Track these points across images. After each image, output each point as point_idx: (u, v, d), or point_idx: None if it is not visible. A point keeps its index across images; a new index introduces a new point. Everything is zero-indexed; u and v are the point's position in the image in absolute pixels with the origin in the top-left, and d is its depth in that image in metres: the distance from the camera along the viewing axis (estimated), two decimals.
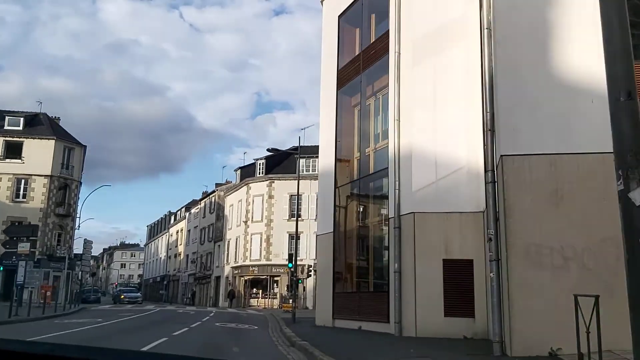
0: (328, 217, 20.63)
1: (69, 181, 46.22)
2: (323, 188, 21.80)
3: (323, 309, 20.40)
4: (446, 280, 15.13)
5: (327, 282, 20.20)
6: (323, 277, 20.81)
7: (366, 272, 18.66)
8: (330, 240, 20.25)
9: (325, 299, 20.23)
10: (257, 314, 33.48)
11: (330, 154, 21.10)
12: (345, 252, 20.35)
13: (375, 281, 18.60)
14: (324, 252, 20.82)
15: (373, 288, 18.51)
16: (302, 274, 42.94)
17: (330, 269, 20.08)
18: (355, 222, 20.05)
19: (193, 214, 73.31)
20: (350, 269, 19.94)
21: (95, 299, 57.00)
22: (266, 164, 51.75)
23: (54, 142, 44.98)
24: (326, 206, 21.04)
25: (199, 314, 27.92)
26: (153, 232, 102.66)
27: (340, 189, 20.47)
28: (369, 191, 19.40)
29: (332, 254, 20.12)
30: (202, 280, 64.88)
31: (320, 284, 21.13)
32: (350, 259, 20.00)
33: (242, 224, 52.00)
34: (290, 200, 49.42)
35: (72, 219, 46.14)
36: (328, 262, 20.25)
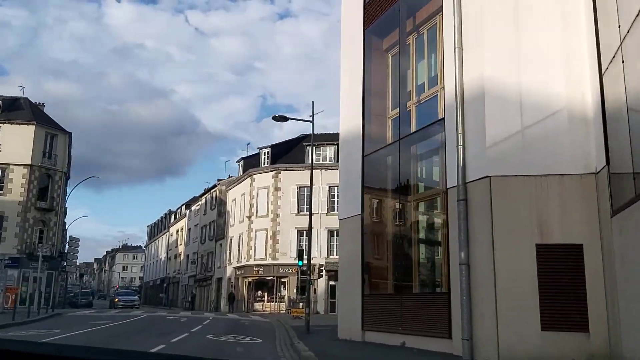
0: (354, 196, 15.66)
1: (51, 172, 41.37)
2: (346, 160, 16.82)
3: (348, 317, 15.42)
4: (542, 275, 10.13)
5: (354, 281, 15.22)
6: (348, 274, 15.82)
7: (411, 266, 13.63)
8: (358, 225, 15.28)
9: (351, 304, 15.26)
10: (262, 320, 28.51)
11: (355, 115, 16.14)
12: (380, 240, 15.39)
13: (424, 279, 13.59)
14: (349, 240, 15.84)
15: (423, 289, 13.50)
16: (312, 274, 38.04)
17: (357, 263, 15.09)
18: (393, 199, 15.04)
19: (194, 211, 68.48)
20: (386, 263, 14.94)
21: (86, 302, 52.23)
22: (271, 153, 46.85)
23: (34, 128, 40.16)
24: (351, 181, 16.07)
25: (191, 322, 23.00)
26: (153, 232, 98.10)
27: (369, 158, 15.50)
28: (411, 157, 14.38)
29: (360, 243, 15.13)
30: (202, 283, 59.96)
31: (344, 283, 16.14)
32: (387, 249, 15.00)
33: (246, 220, 47.07)
34: (298, 192, 44.48)
35: (55, 213, 41.30)
36: (355, 254, 15.27)
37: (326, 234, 43.19)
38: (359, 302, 14.79)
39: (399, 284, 14.13)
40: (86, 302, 52.03)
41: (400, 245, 14.33)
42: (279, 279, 43.85)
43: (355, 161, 15.78)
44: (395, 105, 15.37)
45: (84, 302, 51.34)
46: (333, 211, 43.25)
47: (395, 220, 14.79)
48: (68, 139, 43.24)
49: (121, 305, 42.74)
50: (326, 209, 43.57)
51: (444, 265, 12.27)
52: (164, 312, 32.28)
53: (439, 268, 12.47)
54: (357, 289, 14.97)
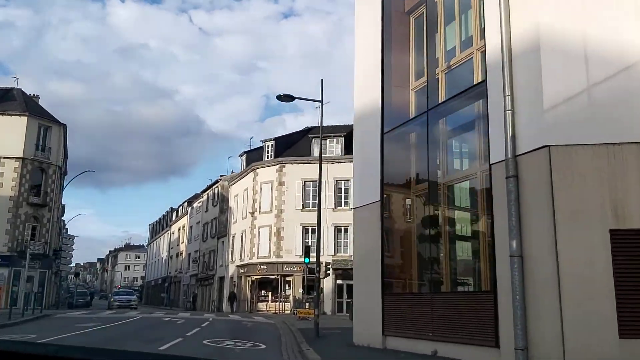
0: (371, 180, 13.56)
1: (45, 165, 39.40)
2: (361, 139, 14.73)
3: (366, 319, 13.32)
4: (620, 269, 8.03)
5: (372, 279, 13.12)
6: (364, 270, 13.72)
7: (442, 260, 11.53)
8: (377, 214, 13.18)
9: (369, 305, 13.17)
10: (266, 322, 26.46)
11: (372, 87, 14.04)
12: (403, 230, 13.31)
13: (460, 275, 11.50)
14: (366, 232, 13.74)
15: (457, 287, 11.41)
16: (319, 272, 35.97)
17: (376, 257, 13.00)
18: (419, 182, 12.94)
19: (195, 208, 66.50)
20: (411, 257, 12.84)
21: (84, 303, 50.19)
22: (275, 146, 44.76)
23: (27, 119, 38.20)
24: (368, 164, 13.99)
25: (189, 324, 20.96)
26: (155, 230, 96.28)
27: (390, 135, 13.41)
28: (441, 131, 12.26)
29: (379, 234, 13.04)
30: (204, 282, 57.96)
31: (360, 281, 14.03)
32: (411, 241, 12.89)
33: (249, 216, 45.03)
34: (303, 187, 42.41)
35: (49, 209, 39.34)
36: (373, 248, 13.17)
37: (333, 231, 41.14)
38: (379, 302, 12.70)
39: (426, 282, 12.04)
40: (83, 302, 49.97)
41: (428, 236, 12.22)
42: (284, 277, 41.81)
43: (373, 140, 13.68)
44: (419, 75, 13.28)
45: (81, 302, 49.28)
46: (340, 206, 41.21)
47: (422, 206, 12.68)
48: (63, 131, 41.29)
49: (117, 306, 40.62)
50: (333, 204, 41.49)
51: (485, 258, 10.19)
52: (161, 312, 30.26)
53: (479, 262, 10.36)
54: (376, 287, 12.88)
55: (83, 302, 50.12)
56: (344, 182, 41.33)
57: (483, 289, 10.09)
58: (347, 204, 41.61)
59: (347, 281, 40.21)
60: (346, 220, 41.80)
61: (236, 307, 45.24)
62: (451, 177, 11.80)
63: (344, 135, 42.76)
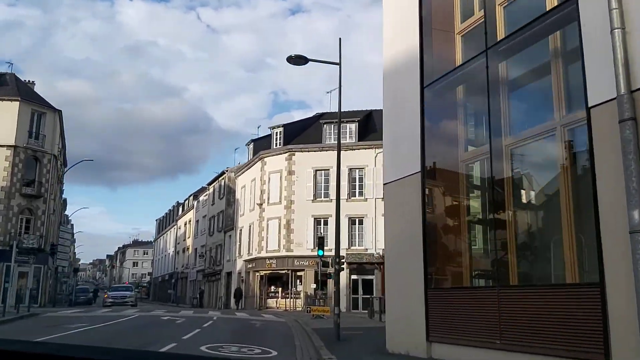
0: (408, 147, 10.85)
1: (39, 154, 36.92)
2: (393, 98, 11.96)
3: (403, 321, 10.63)
4: None
5: (411, 270, 10.42)
6: (400, 260, 11.01)
7: (509, 243, 8.78)
8: (416, 189, 10.46)
9: (407, 303, 10.48)
10: (276, 320, 23.86)
11: (407, 31, 11.29)
12: (451, 208, 10.61)
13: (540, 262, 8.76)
14: (402, 212, 11.02)
15: (533, 278, 8.68)
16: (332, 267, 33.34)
17: (416, 243, 10.29)
18: (474, 145, 10.22)
19: (201, 201, 64.05)
20: (463, 242, 10.13)
21: (85, 300, 47.77)
22: (284, 133, 42.08)
23: (19, 104, 35.70)
24: (402, 128, 11.28)
25: (188, 325, 18.40)
26: (162, 226, 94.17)
27: (433, 89, 10.69)
28: (502, 78, 9.50)
29: (420, 214, 10.32)
30: (211, 277, 55.50)
31: (395, 273, 11.28)
32: (463, 222, 10.16)
33: (256, 208, 42.42)
34: (315, 176, 39.72)
35: (44, 201, 36.88)
36: (411, 232, 10.46)
37: (347, 222, 38.37)
38: (421, 299, 10.01)
39: (488, 272, 9.33)
40: (85, 299, 47.52)
41: (487, 213, 9.50)
42: (295, 272, 39.18)
43: (410, 97, 10.96)
44: (467, 13, 10.55)
45: (82, 299, 46.86)
46: (355, 197, 38.53)
47: (477, 176, 9.96)
48: (59, 118, 38.77)
49: (110, 303, 37.93)
50: (347, 194, 38.74)
51: (571, 237, 7.48)
52: (162, 310, 27.75)
53: (572, 243, 7.62)
54: (417, 280, 10.18)
55: (85, 299, 47.68)
56: (359, 170, 38.65)
57: (581, 280, 7.36)
58: (361, 194, 38.94)
59: (363, 276, 37.57)
60: (361, 211, 39.19)
61: (243, 304, 42.71)
62: (518, 137, 9.04)
63: (358, 120, 40.06)
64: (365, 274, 37.31)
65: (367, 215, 37.82)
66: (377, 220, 37.98)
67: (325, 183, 39.46)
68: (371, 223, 38.08)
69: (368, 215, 37.91)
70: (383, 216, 36.01)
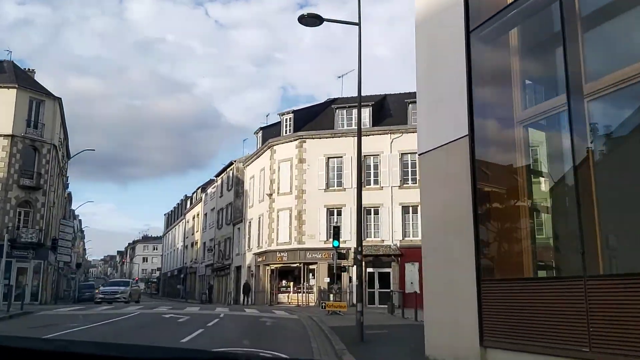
0: (450, 107, 8.81)
1: (38, 144, 35.17)
2: (428, 48, 9.84)
3: (447, 322, 8.59)
4: None
5: (458, 258, 8.39)
6: (441, 245, 8.96)
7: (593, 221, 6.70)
8: (464, 157, 8.41)
9: (453, 299, 8.46)
10: (288, 317, 21.95)
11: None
12: (507, 180, 8.53)
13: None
14: (444, 187, 8.97)
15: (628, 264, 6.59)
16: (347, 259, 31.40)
17: (466, 224, 8.25)
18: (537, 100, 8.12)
19: (209, 194, 62.26)
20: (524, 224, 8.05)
21: (90, 296, 46.08)
22: (294, 119, 40.04)
23: (16, 92, 33.94)
24: (442, 82, 9.21)
25: (191, 324, 16.51)
26: (170, 220, 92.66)
27: (480, 34, 8.60)
28: (574, 13, 7.39)
29: (469, 187, 8.28)
30: (220, 272, 53.73)
31: (436, 262, 9.21)
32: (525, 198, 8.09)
33: (266, 199, 40.48)
34: (327, 164, 37.68)
35: (43, 193, 35.14)
36: (459, 210, 8.42)
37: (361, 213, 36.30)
38: (472, 294, 7.98)
39: (565, 259, 7.27)
40: (89, 295, 45.79)
41: (557, 187, 7.44)
42: (307, 265, 37.21)
43: (451, 47, 8.90)
44: None
45: (87, 295, 45.15)
46: (369, 185, 36.43)
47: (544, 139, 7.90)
48: (58, 106, 36.98)
49: (100, 299, 35.29)
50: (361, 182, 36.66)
51: None
52: (166, 307, 25.87)
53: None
54: (466, 270, 8.14)
55: (89, 295, 45.93)
56: (374, 157, 36.57)
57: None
58: (376, 182, 36.88)
59: (379, 269, 35.51)
60: (376, 201, 37.01)
61: (253, 299, 40.87)
62: (600, 84, 6.94)
63: (372, 105, 37.91)
64: (381, 267, 35.27)
65: (382, 205, 35.75)
66: (393, 210, 35.94)
67: (338, 171, 37.43)
68: (387, 213, 36.03)
69: (384, 204, 35.84)
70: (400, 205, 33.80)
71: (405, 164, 36.36)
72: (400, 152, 36.23)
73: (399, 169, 36.13)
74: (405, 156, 36.36)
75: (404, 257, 35.34)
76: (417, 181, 35.85)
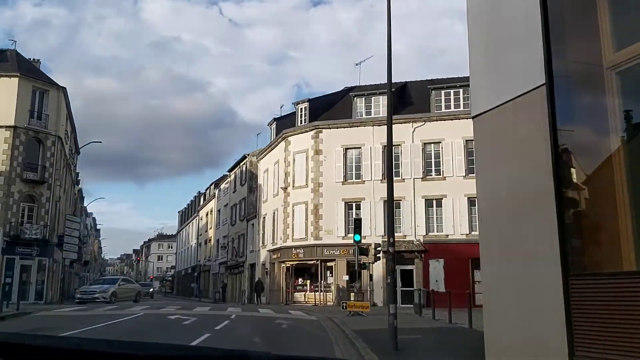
0: (520, 50, 6.76)
1: (42, 135, 33.62)
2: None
3: (519, 326, 6.55)
4: None
5: (534, 246, 6.34)
6: (507, 230, 6.92)
7: None
8: (540, 114, 6.36)
9: (529, 298, 6.40)
10: (306, 319, 20.04)
11: None
12: (602, 144, 6.45)
13: None
14: (512, 153, 6.92)
15: None
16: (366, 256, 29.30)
17: (545, 202, 6.20)
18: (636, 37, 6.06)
19: (222, 190, 60.59)
20: (622, 196, 5.99)
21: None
22: (310, 109, 38.06)
23: (18, 81, 32.40)
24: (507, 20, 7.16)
25: (197, 327, 14.64)
26: (184, 218, 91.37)
27: None
28: None
29: (548, 151, 6.23)
30: (234, 270, 52.03)
31: (502, 252, 7.15)
32: (625, 164, 6.04)
33: (281, 192, 38.61)
34: (345, 155, 35.67)
35: (48, 187, 33.59)
36: (533, 183, 6.38)
37: (382, 206, 34.25)
38: (556, 295, 5.94)
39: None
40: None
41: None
42: (324, 263, 35.25)
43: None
44: None
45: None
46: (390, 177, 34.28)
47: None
48: (63, 95, 35.41)
49: (78, 299, 30.72)
50: (381, 174, 34.62)
51: None
52: (174, 307, 24.05)
53: None
54: (546, 262, 6.11)
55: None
56: (394, 147, 34.28)
57: None
58: (397, 175, 34.65)
59: (401, 266, 33.31)
60: (398, 194, 34.05)
61: (267, 298, 39.05)
62: None
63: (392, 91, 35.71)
64: (403, 264, 33.10)
65: (404, 198, 33.61)
66: (416, 204, 33.86)
67: (356, 163, 35.41)
68: (409, 207, 33.94)
69: (406, 197, 33.73)
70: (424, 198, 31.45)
71: (428, 155, 34.23)
72: (423, 141, 34.13)
73: (422, 159, 34.02)
74: (428, 146, 34.24)
75: (428, 253, 33.27)
76: (441, 172, 33.91)
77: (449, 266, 32.57)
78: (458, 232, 32.92)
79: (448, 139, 33.55)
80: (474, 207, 33.04)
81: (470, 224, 32.75)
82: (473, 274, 32.38)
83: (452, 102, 34.50)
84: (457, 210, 33.01)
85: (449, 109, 34.50)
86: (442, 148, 33.86)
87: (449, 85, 35.13)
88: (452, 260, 32.41)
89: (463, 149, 33.18)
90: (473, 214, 32.96)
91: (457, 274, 31.65)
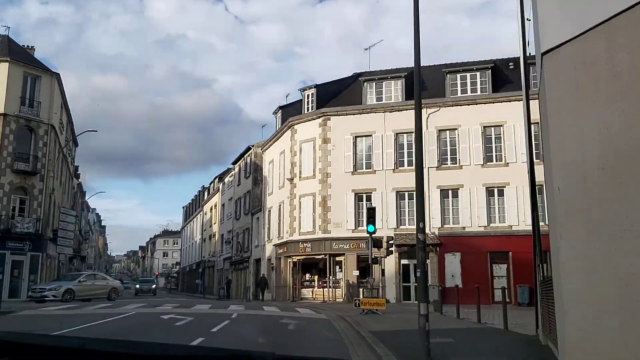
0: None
1: (34, 124, 31.80)
2: None
3: (615, 331, 4.57)
4: None
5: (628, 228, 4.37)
6: (601, 211, 4.96)
7: None
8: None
9: (625, 299, 4.43)
10: (316, 318, 18.14)
11: None
12: None
13: None
14: (606, 98, 4.93)
15: None
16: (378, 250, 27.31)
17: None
18: None
19: (227, 183, 58.76)
20: None
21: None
22: (317, 95, 36.04)
23: (8, 66, 30.58)
24: None
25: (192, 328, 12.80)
26: (188, 213, 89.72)
27: None
28: None
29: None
30: (239, 265, 50.19)
31: (589, 238, 5.21)
32: None
33: (287, 184, 36.67)
34: (354, 144, 33.66)
35: (41, 178, 31.79)
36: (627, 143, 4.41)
37: (394, 197, 32.32)
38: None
39: None
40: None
41: None
42: (333, 257, 33.29)
43: None
44: None
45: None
46: (402, 166, 32.38)
47: None
48: (57, 82, 33.55)
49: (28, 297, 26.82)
50: (393, 164, 32.67)
51: None
52: (171, 305, 22.21)
53: None
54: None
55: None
56: (407, 135, 32.35)
57: None
58: (410, 164, 32.65)
59: (415, 260, 31.44)
60: (411, 184, 32.44)
61: (273, 294, 37.19)
62: None
63: (404, 76, 33.75)
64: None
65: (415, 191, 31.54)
66: (431, 194, 31.77)
67: (367, 151, 33.39)
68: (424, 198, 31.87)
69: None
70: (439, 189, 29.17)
71: (444, 142, 32.16)
72: (438, 128, 32.04)
73: (437, 147, 31.94)
74: (443, 133, 32.17)
75: (443, 246, 31.25)
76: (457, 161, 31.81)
77: (465, 260, 30.57)
78: (475, 224, 30.88)
79: (465, 125, 31.48)
80: (492, 198, 31.01)
81: (489, 215, 30.76)
82: (492, 268, 30.46)
83: (469, 86, 32.39)
84: (475, 201, 30.96)
85: (465, 94, 32.41)
86: (458, 135, 31.77)
87: (465, 68, 33.04)
88: (469, 254, 30.42)
89: (481, 135, 31.11)
90: (491, 204, 30.97)
91: (474, 269, 29.75)
